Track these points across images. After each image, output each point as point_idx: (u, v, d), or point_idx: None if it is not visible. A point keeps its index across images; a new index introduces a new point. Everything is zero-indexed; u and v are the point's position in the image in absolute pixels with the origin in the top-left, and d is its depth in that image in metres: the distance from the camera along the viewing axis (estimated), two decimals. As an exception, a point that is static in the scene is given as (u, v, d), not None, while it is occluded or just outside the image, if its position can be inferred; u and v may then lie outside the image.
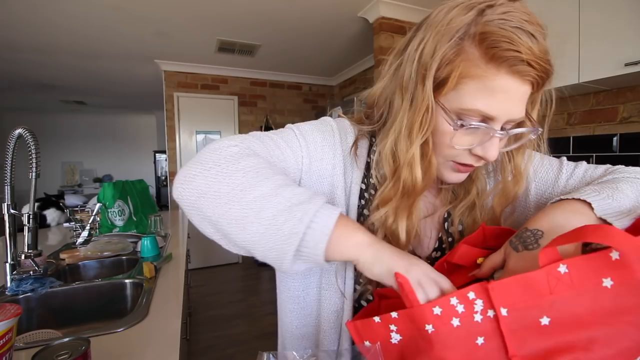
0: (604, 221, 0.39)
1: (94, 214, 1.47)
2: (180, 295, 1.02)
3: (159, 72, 3.98)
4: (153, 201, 2.28)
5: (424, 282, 0.36)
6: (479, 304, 0.30)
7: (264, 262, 0.40)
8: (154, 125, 7.30)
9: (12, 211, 1.07)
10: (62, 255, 1.41)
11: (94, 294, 1.13)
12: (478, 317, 0.30)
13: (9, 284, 1.05)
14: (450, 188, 0.56)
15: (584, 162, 0.56)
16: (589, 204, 0.40)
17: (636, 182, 0.47)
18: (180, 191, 0.41)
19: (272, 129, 3.81)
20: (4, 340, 0.56)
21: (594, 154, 1.77)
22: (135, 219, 1.96)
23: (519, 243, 0.40)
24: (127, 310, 1.12)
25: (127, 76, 4.30)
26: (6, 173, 1.04)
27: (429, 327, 0.32)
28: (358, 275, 0.51)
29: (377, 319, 0.36)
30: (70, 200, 4.95)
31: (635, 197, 0.44)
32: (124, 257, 1.46)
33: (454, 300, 0.31)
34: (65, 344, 0.58)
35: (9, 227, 1.06)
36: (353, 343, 0.58)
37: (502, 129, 0.43)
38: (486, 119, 0.41)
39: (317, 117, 0.57)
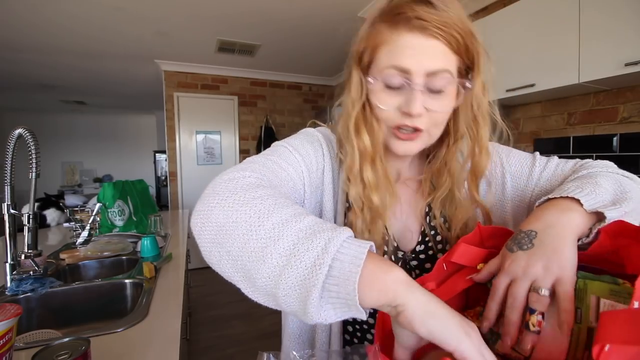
0: (596, 213, 0.40)
1: (94, 214, 1.47)
2: (180, 295, 1.02)
3: (159, 72, 3.98)
4: (153, 201, 2.29)
5: None
6: None
7: None
8: (154, 125, 7.30)
9: (12, 211, 1.07)
10: (62, 255, 1.41)
11: (94, 294, 1.13)
12: None
13: (9, 284, 1.05)
14: (428, 179, 0.58)
15: (556, 157, 0.58)
16: (577, 200, 0.41)
17: (610, 176, 0.49)
18: (200, 226, 0.38)
19: (272, 129, 3.81)
20: (4, 340, 0.56)
21: (594, 154, 1.77)
22: (135, 219, 1.96)
23: (513, 244, 0.41)
24: (127, 310, 1.12)
25: (127, 76, 4.30)
26: (6, 173, 1.04)
27: None
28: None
29: None
30: (70, 200, 4.96)
31: (613, 190, 0.46)
32: (124, 257, 1.46)
33: None
34: (65, 344, 0.58)
35: (9, 227, 1.06)
36: (344, 345, 0.59)
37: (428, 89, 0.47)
38: (405, 74, 0.45)
39: (317, 117, 0.60)
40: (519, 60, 1.78)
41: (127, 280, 1.16)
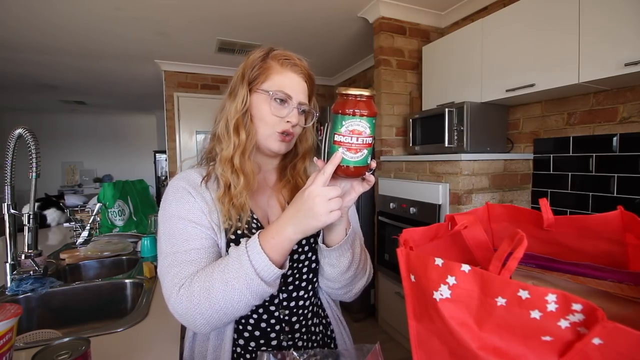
0: None
1: (94, 214, 1.47)
2: (180, 295, 1.02)
3: (159, 72, 3.98)
4: (153, 201, 2.28)
5: None
6: (576, 317, 0.26)
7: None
8: (154, 125, 7.29)
9: (12, 211, 1.07)
10: (62, 255, 1.41)
11: (94, 294, 1.13)
12: (564, 323, 0.27)
13: (9, 284, 1.05)
14: (279, 172, 0.78)
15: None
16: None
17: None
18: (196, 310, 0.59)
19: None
20: (4, 340, 0.56)
21: (594, 154, 1.77)
22: (135, 219, 1.96)
23: None
24: (127, 310, 1.13)
25: (127, 76, 4.30)
26: (6, 173, 1.04)
27: (501, 301, 0.29)
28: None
29: (439, 261, 0.32)
30: (70, 200, 4.94)
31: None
32: (124, 257, 1.46)
33: (550, 297, 0.27)
34: (65, 344, 0.58)
35: (9, 227, 1.06)
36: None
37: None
38: (287, 97, 0.68)
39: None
40: (519, 60, 1.78)
41: (127, 280, 1.17)
